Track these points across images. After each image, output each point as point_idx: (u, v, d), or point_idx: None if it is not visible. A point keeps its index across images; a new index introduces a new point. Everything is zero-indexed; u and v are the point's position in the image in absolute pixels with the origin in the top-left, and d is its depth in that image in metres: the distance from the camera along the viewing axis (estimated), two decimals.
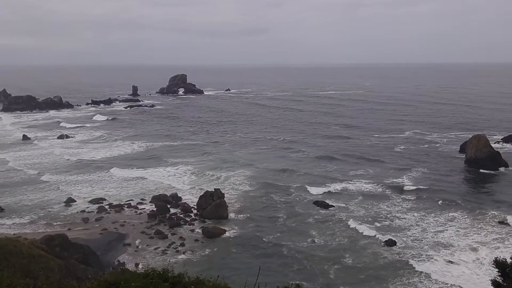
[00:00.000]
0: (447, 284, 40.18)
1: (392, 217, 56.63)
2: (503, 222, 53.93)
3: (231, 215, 58.17)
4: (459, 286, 39.68)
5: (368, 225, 54.16)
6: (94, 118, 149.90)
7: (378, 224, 54.38)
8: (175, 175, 76.80)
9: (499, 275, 16.94)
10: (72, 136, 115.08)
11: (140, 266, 42.05)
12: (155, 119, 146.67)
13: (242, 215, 58.38)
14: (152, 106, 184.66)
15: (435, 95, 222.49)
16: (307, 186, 69.08)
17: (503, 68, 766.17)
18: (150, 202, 62.92)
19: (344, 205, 61.26)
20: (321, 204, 61.42)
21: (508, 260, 16.83)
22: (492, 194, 66.70)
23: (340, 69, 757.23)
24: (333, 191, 67.16)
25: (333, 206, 60.58)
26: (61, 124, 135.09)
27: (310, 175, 75.68)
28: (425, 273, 41.99)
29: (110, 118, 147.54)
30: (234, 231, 53.27)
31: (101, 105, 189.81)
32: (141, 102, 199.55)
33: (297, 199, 64.21)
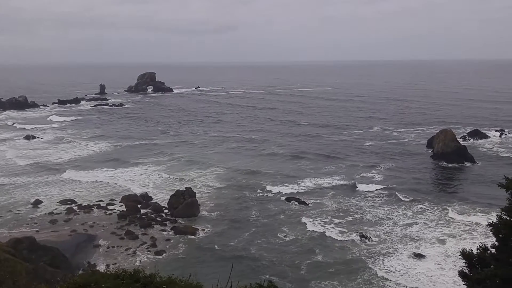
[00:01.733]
0: (415, 275, 40.96)
1: (362, 212, 57.40)
2: (470, 215, 55.25)
3: (203, 214, 57.94)
4: (427, 277, 40.46)
5: (339, 220, 54.79)
6: (58, 118, 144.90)
7: (350, 219, 55.05)
8: (145, 174, 75.94)
9: (465, 266, 17.33)
10: (37, 136, 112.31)
11: (110, 267, 41.51)
12: (123, 118, 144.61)
13: (214, 214, 58.22)
14: (120, 105, 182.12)
15: (402, 92, 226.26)
16: (278, 183, 69.35)
17: (468, 64, 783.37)
18: (120, 202, 62.06)
19: (315, 201, 61.76)
20: (292, 200, 61.76)
21: (474, 251, 17.22)
22: (459, 188, 68.30)
23: (310, 67, 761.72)
24: (305, 187, 67.62)
25: (304, 202, 60.97)
26: (18, 126, 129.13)
27: (282, 172, 75.97)
28: (393, 266, 42.72)
29: (76, 118, 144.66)
30: (206, 229, 53.09)
31: (68, 104, 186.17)
32: (109, 100, 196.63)
33: (269, 196, 64.40)
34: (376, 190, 65.90)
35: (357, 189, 66.59)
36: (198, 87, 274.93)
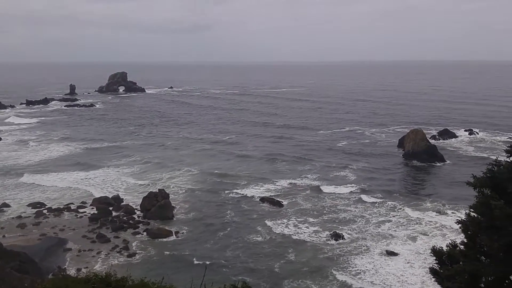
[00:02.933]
0: (385, 275, 41.47)
1: (336, 211, 57.90)
2: (440, 213, 56.27)
3: (177, 216, 57.53)
4: (397, 277, 40.99)
5: (313, 219, 55.18)
6: (20, 119, 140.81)
7: (323, 218, 55.48)
8: (117, 176, 74.95)
9: (436, 263, 17.61)
10: (2, 139, 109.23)
11: (81, 271, 40.84)
12: (93, 119, 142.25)
13: (187, 215, 57.87)
14: (91, 105, 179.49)
15: (373, 93, 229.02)
16: (253, 184, 69.41)
17: (439, 65, 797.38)
18: (91, 205, 61.12)
19: (290, 201, 62.01)
20: (267, 200, 61.87)
21: (444, 248, 17.49)
22: (430, 186, 69.52)
23: (285, 67, 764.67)
24: (279, 188, 67.83)
25: (279, 202, 61.13)
26: None
27: (256, 173, 76.02)
28: (364, 265, 43.20)
29: (44, 119, 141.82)
30: (180, 231, 52.69)
31: (37, 105, 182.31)
32: (79, 101, 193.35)
33: (243, 197, 64.33)
34: (350, 189, 66.57)
35: (331, 188, 67.10)
36: (171, 87, 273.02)
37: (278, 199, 62.37)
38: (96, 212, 58.19)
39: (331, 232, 50.48)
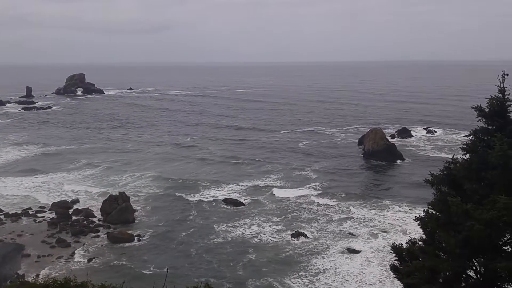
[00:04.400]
0: (345, 273, 42.06)
1: (298, 210, 58.38)
2: (400, 210, 57.54)
3: (138, 219, 56.75)
4: (355, 276, 41.59)
5: (275, 219, 55.50)
6: None
7: (285, 217, 55.81)
8: (76, 180, 73.37)
9: (396, 260, 17.96)
10: None
11: (40, 277, 39.79)
12: (51, 122, 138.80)
13: (149, 218, 57.17)
14: (49, 107, 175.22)
15: (333, 93, 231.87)
16: (215, 186, 69.16)
17: (396, 65, 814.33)
18: (49, 209, 59.62)
19: (252, 201, 62.15)
20: (229, 202, 61.78)
21: (404, 245, 17.86)
22: (389, 184, 70.98)
23: (245, 68, 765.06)
24: (242, 188, 67.87)
25: (241, 203, 61.19)
26: None
27: (218, 175, 75.82)
28: (324, 265, 43.65)
29: None
30: (142, 234, 51.98)
31: None
32: (36, 104, 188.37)
33: (205, 199, 64.02)
34: (311, 189, 67.26)
35: (293, 188, 67.62)
36: (131, 88, 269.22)
37: (240, 200, 62.41)
38: (55, 216, 56.83)
39: (293, 232, 50.90)
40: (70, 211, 58.62)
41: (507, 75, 15.42)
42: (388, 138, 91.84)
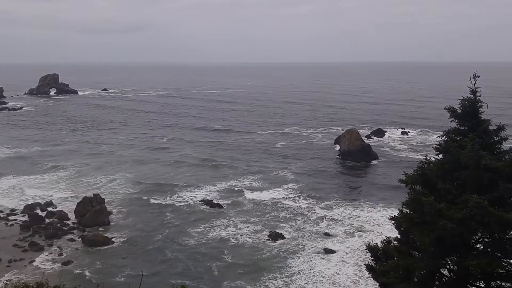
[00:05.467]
0: (320, 273, 42.22)
1: (276, 211, 58.45)
2: (375, 210, 58.15)
3: (113, 221, 56.05)
4: (330, 276, 41.78)
5: (252, 220, 55.53)
6: None
7: (262, 218, 55.83)
8: (49, 182, 72.07)
9: (371, 259, 18.14)
10: None
11: (12, 282, 38.92)
12: (23, 123, 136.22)
13: (124, 220, 56.53)
14: (20, 108, 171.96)
15: (309, 94, 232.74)
16: (192, 188, 68.75)
17: (371, 66, 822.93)
18: (22, 212, 58.42)
19: (229, 203, 61.96)
20: (206, 203, 61.51)
21: (379, 245, 18.05)
22: (364, 184, 71.64)
23: (222, 68, 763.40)
24: (219, 190, 67.62)
25: (219, 204, 60.93)
26: None
27: (195, 176, 75.41)
28: (299, 266, 43.73)
29: None
30: (117, 237, 51.35)
31: None
32: (8, 104, 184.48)
33: (182, 200, 63.61)
34: (288, 189, 67.45)
35: (270, 189, 67.70)
36: (105, 89, 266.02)
37: (217, 201, 62.19)
38: (27, 219, 55.73)
39: (270, 232, 50.95)
40: (43, 213, 57.55)
41: (478, 76, 15.74)
42: (363, 138, 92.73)
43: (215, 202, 61.76)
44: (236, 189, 68.03)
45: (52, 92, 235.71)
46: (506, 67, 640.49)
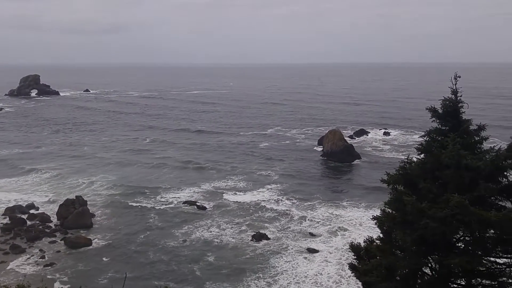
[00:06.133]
0: (303, 273, 42.36)
1: (260, 211, 58.46)
2: (358, 210, 58.54)
3: (96, 223, 55.57)
4: (312, 275, 41.94)
5: (236, 220, 55.46)
6: None
7: (246, 219, 55.79)
8: (31, 183, 71.18)
9: (354, 258, 18.28)
10: None
11: None
12: (3, 124, 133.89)
13: (107, 222, 56.10)
14: (0, 109, 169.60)
15: (292, 95, 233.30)
16: (175, 189, 68.41)
17: (352, 67, 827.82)
18: (3, 214, 57.56)
19: (213, 203, 61.85)
20: (190, 204, 61.32)
21: (362, 244, 18.18)
22: (347, 184, 72.11)
23: (205, 69, 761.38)
24: (202, 191, 67.43)
25: (203, 206, 60.77)
26: None
27: (178, 177, 75.06)
28: (282, 266, 43.76)
29: None
30: (100, 238, 50.95)
31: None
32: None
33: (165, 201, 63.29)
34: (272, 189, 67.55)
35: (253, 190, 67.73)
36: (87, 90, 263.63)
37: (201, 202, 62.03)
38: (9, 221, 54.94)
39: (254, 233, 50.96)
40: (25, 216, 56.79)
41: (459, 77, 15.92)
42: (346, 139, 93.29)
43: (199, 203, 61.58)
44: (220, 190, 67.89)
45: (33, 93, 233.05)
46: (484, 68, 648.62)
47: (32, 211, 58.61)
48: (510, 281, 15.02)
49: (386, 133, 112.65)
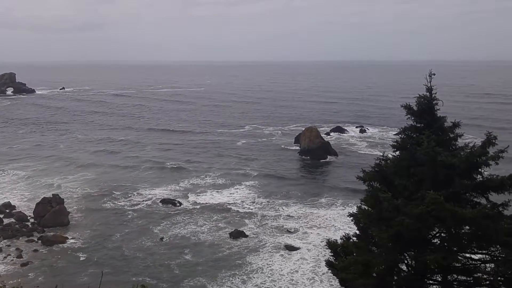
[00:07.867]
0: (279, 271, 42.45)
1: (237, 209, 58.44)
2: (335, 207, 58.93)
3: (73, 221, 54.87)
4: (287, 274, 42.00)
5: (214, 217, 55.50)
6: None
7: (224, 216, 55.85)
8: (6, 182, 69.96)
9: (331, 255, 18.35)
10: None
11: None
12: None
13: (84, 220, 55.46)
14: None
15: (267, 93, 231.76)
16: (153, 187, 67.98)
17: (327, 65, 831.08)
18: None
19: (190, 201, 61.66)
20: (167, 202, 61.01)
21: (339, 241, 18.28)
22: (324, 181, 72.57)
23: (181, 67, 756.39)
24: (179, 189, 67.13)
25: (179, 203, 60.56)
26: None
27: (155, 175, 74.49)
28: (258, 264, 43.84)
29: None
30: (77, 237, 50.38)
31: None
32: None
33: (143, 199, 62.80)
34: (250, 187, 67.61)
35: (231, 187, 67.68)
36: (63, 88, 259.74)
37: (178, 200, 61.75)
38: None
39: (231, 230, 50.99)
40: (1, 215, 55.75)
41: (434, 74, 16.08)
42: (323, 136, 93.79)
43: (176, 201, 61.31)
44: (197, 188, 67.64)
45: (9, 91, 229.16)
46: (455, 66, 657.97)
47: (8, 210, 57.60)
48: (485, 276, 15.27)
49: (362, 131, 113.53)
